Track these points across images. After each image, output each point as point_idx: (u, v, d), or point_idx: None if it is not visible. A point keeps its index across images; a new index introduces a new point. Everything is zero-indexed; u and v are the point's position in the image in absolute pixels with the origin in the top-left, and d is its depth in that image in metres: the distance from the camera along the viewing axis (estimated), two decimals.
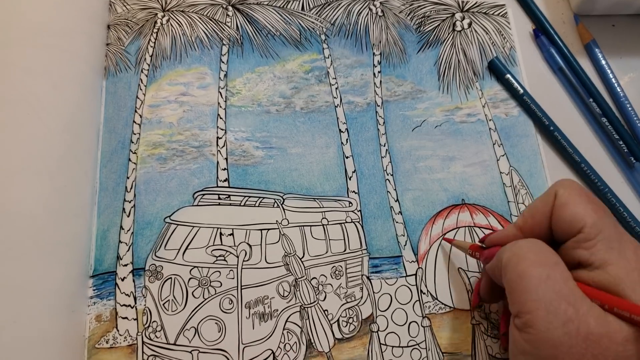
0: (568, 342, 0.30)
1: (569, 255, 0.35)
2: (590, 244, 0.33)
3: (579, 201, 0.35)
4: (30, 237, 0.41)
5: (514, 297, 0.33)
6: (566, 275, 0.33)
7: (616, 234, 0.34)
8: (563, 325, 0.30)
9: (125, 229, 0.46)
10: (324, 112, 0.53)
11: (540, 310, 0.31)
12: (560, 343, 0.30)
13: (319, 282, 0.46)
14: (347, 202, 0.49)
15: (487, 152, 0.53)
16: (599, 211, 0.35)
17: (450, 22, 0.59)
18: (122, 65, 0.52)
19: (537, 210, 0.37)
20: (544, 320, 0.31)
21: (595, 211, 0.34)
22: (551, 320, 0.31)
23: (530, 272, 0.33)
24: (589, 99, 0.55)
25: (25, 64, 0.45)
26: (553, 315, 0.31)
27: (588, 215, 0.34)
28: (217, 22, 0.55)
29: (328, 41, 0.56)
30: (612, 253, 0.33)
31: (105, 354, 0.42)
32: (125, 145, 0.49)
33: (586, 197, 0.36)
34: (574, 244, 0.34)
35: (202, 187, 0.48)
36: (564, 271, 0.33)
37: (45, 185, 0.43)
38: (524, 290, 0.32)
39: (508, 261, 0.35)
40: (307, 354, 0.44)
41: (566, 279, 0.32)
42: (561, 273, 0.33)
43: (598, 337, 0.30)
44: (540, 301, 0.31)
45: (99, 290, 0.44)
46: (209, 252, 0.45)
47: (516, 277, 0.33)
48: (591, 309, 0.31)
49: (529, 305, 0.32)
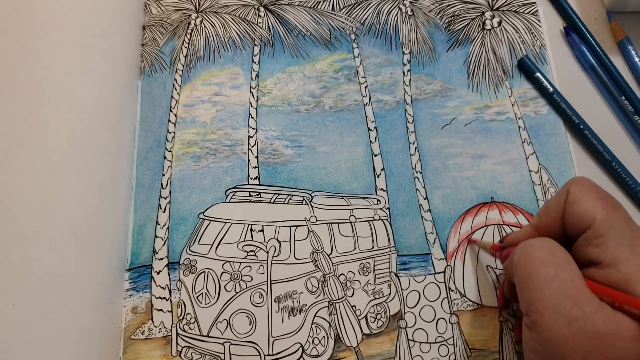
0: (573, 340, 0.30)
1: (581, 253, 0.34)
2: (600, 240, 0.33)
3: (590, 198, 0.35)
4: (70, 232, 0.42)
5: (522, 296, 0.34)
6: (574, 274, 0.32)
7: (628, 231, 0.33)
8: (569, 324, 0.30)
9: (161, 224, 0.47)
10: (352, 110, 0.53)
11: (547, 310, 0.31)
12: (566, 342, 0.30)
13: (346, 279, 0.47)
14: (375, 200, 0.50)
15: (517, 151, 0.53)
16: (610, 207, 0.34)
17: (480, 20, 0.59)
18: (157, 66, 0.53)
19: (551, 208, 0.37)
20: (550, 320, 0.31)
21: (605, 208, 0.34)
22: (557, 320, 0.31)
23: (538, 271, 0.33)
24: (621, 97, 0.54)
25: (64, 65, 0.47)
26: (559, 315, 0.31)
27: (597, 212, 0.34)
28: (249, 22, 0.56)
29: (358, 40, 0.57)
30: (622, 250, 0.32)
31: (140, 345, 0.44)
32: (160, 144, 0.50)
33: (597, 193, 0.35)
34: (584, 241, 0.34)
35: (234, 185, 0.49)
36: (572, 270, 0.33)
37: (84, 181, 0.44)
38: (532, 290, 0.33)
39: (518, 260, 0.35)
40: (336, 348, 0.45)
41: (574, 278, 0.32)
42: (569, 272, 0.32)
43: (605, 335, 0.30)
44: (547, 300, 0.31)
45: (135, 283, 0.46)
46: (240, 247, 0.46)
47: (525, 276, 0.34)
48: (599, 307, 0.31)
49: (536, 304, 0.32)
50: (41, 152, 0.43)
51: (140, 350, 0.43)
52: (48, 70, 0.46)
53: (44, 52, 0.47)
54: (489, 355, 0.45)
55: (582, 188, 0.36)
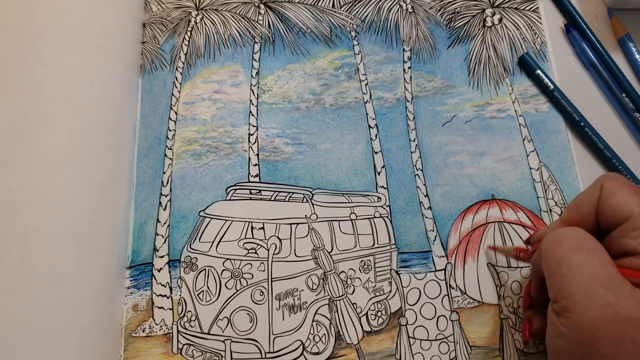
0: (606, 326, 0.30)
1: (615, 245, 0.35)
2: (638, 232, 0.33)
3: (626, 191, 0.35)
4: (70, 229, 0.42)
5: (552, 281, 0.34)
6: (605, 260, 0.32)
7: None
8: (601, 309, 0.30)
9: (162, 222, 0.47)
10: (353, 108, 0.53)
11: (578, 295, 0.31)
12: (597, 327, 0.30)
13: (347, 276, 0.47)
14: (376, 197, 0.50)
15: (517, 148, 0.53)
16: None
17: (481, 17, 0.59)
18: (157, 63, 0.53)
19: (582, 202, 0.37)
20: (581, 305, 0.31)
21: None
22: (588, 305, 0.31)
23: (568, 257, 0.33)
24: (621, 94, 0.54)
25: (64, 62, 0.47)
26: (590, 300, 0.31)
27: (635, 205, 0.34)
28: (250, 20, 0.56)
29: (358, 38, 0.56)
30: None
31: (141, 342, 0.44)
32: (161, 141, 0.50)
33: (632, 187, 0.36)
34: (620, 233, 0.34)
35: (234, 182, 0.49)
36: (602, 257, 0.33)
37: (84, 179, 0.44)
38: (562, 275, 0.32)
39: (546, 248, 0.35)
40: (336, 346, 0.45)
41: (605, 264, 0.32)
42: (599, 258, 0.32)
43: (638, 322, 0.30)
44: (578, 285, 0.31)
45: (135, 280, 0.46)
46: (240, 245, 0.46)
47: (554, 262, 0.34)
48: (632, 293, 0.31)
49: (566, 290, 0.32)
50: (42, 150, 0.43)
51: (141, 348, 0.43)
52: (48, 68, 0.46)
53: (45, 49, 0.47)
54: (490, 352, 0.45)
55: (617, 182, 0.36)
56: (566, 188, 0.51)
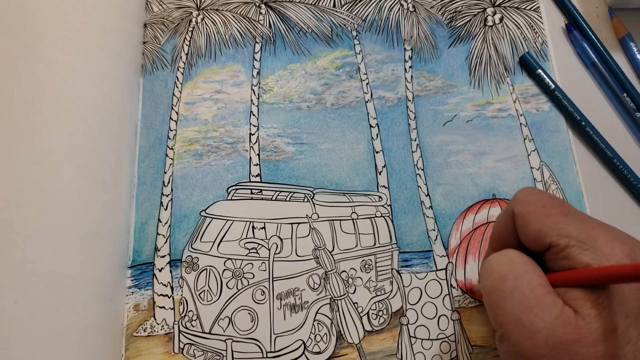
0: (538, 352, 0.30)
1: (554, 265, 0.34)
2: (564, 254, 0.32)
3: (536, 217, 0.34)
4: (72, 229, 0.42)
5: (488, 312, 0.34)
6: (533, 283, 0.32)
7: (583, 232, 0.32)
8: (531, 337, 0.30)
9: (163, 222, 0.47)
10: (354, 107, 0.53)
11: (510, 325, 0.31)
12: (531, 355, 0.30)
13: (348, 276, 0.47)
14: (377, 197, 0.50)
15: (518, 147, 0.53)
16: (558, 217, 0.33)
17: (482, 17, 0.59)
18: (158, 63, 0.53)
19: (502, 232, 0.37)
20: (514, 334, 0.31)
21: (555, 221, 0.33)
22: (520, 334, 0.31)
23: (496, 286, 0.33)
24: (622, 93, 0.54)
25: (66, 63, 0.47)
26: (521, 328, 0.31)
27: (549, 229, 0.33)
28: (251, 20, 0.56)
29: (359, 37, 0.56)
30: (587, 254, 0.32)
31: (142, 342, 0.44)
32: (162, 141, 0.50)
33: (543, 208, 0.34)
34: (551, 256, 0.33)
35: (235, 182, 0.49)
36: (531, 279, 0.32)
37: (86, 179, 0.44)
38: (495, 305, 0.32)
39: (480, 278, 0.35)
40: (338, 345, 0.45)
41: (532, 288, 0.32)
42: (528, 282, 0.32)
43: (567, 345, 0.30)
44: (510, 315, 0.31)
45: (137, 280, 0.46)
46: (242, 244, 0.46)
47: (486, 293, 0.34)
48: (559, 315, 0.30)
49: (500, 319, 0.32)
50: (43, 150, 0.43)
51: (142, 348, 0.43)
52: (49, 68, 0.46)
53: (46, 50, 0.47)
54: (491, 351, 0.45)
55: (525, 206, 0.35)
56: (567, 187, 0.51)
